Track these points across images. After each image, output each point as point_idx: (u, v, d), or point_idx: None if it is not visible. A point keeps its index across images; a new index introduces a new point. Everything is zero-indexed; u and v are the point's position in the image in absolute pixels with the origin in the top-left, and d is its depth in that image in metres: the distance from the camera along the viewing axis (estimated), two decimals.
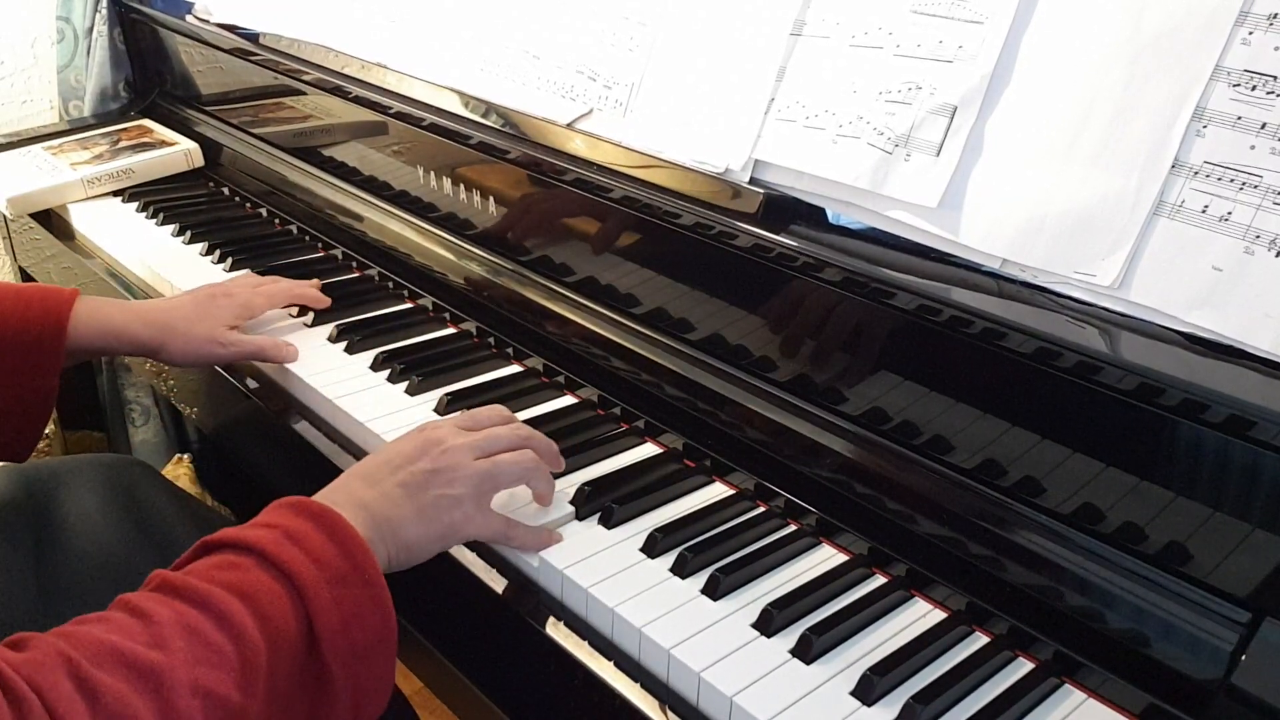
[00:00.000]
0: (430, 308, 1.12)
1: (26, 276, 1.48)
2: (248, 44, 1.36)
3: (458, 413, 0.84)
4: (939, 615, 0.72)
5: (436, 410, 0.92)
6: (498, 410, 0.81)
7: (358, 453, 0.91)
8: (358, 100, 1.19)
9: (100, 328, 0.93)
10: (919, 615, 0.72)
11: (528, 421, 0.90)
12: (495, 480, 0.74)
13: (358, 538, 0.63)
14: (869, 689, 0.64)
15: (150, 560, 0.86)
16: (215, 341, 0.97)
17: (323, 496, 0.69)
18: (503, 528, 0.74)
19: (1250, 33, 0.62)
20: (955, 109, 0.73)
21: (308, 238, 1.30)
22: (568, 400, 0.96)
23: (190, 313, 0.98)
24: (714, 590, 0.71)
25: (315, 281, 1.12)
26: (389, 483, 0.70)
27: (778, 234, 0.80)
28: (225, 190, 1.45)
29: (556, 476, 0.81)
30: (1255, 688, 0.59)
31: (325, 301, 1.09)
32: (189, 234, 1.28)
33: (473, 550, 0.78)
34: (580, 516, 0.79)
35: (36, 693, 0.48)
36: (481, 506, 0.73)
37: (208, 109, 1.53)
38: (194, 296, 1.01)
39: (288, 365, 0.99)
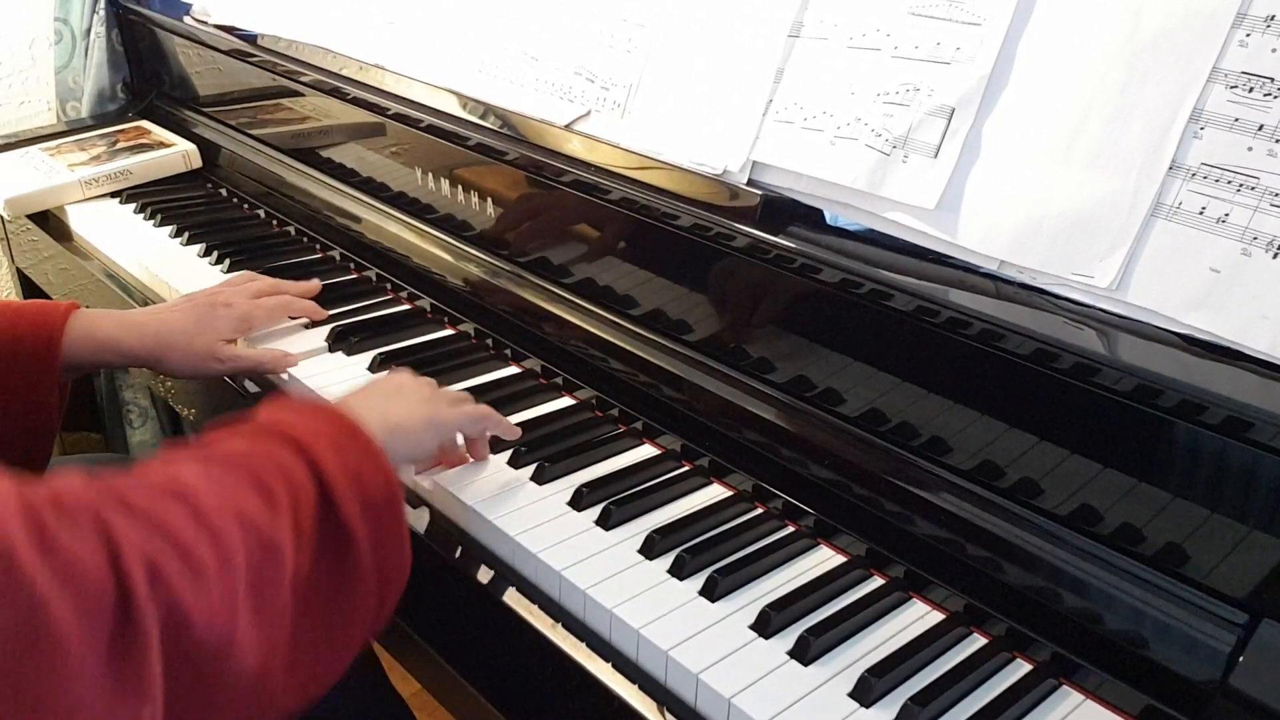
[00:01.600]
0: (428, 309, 1.12)
1: (24, 278, 1.48)
2: (246, 45, 1.36)
3: None
4: (937, 617, 0.72)
5: None
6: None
7: None
8: (356, 102, 1.19)
9: (96, 342, 0.92)
10: (917, 617, 0.72)
11: (526, 423, 0.90)
12: (454, 396, 0.83)
13: (344, 414, 0.65)
14: (867, 690, 0.64)
15: None
16: (213, 357, 0.97)
17: None
18: (473, 408, 0.82)
19: (1248, 34, 0.62)
20: (953, 110, 0.73)
21: (306, 239, 1.30)
22: (566, 401, 0.96)
23: (189, 325, 0.97)
24: (712, 592, 0.71)
25: (315, 283, 1.11)
26: (369, 393, 0.77)
27: (776, 235, 0.80)
28: (223, 191, 1.45)
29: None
30: (1253, 689, 0.58)
31: (322, 314, 1.08)
32: (187, 235, 1.28)
33: (470, 552, 0.78)
34: (577, 512, 0.79)
35: (83, 508, 0.47)
36: (453, 406, 0.80)
37: (206, 110, 1.53)
38: (193, 306, 1.00)
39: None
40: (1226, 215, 0.62)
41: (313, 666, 0.57)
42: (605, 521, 0.78)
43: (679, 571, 0.73)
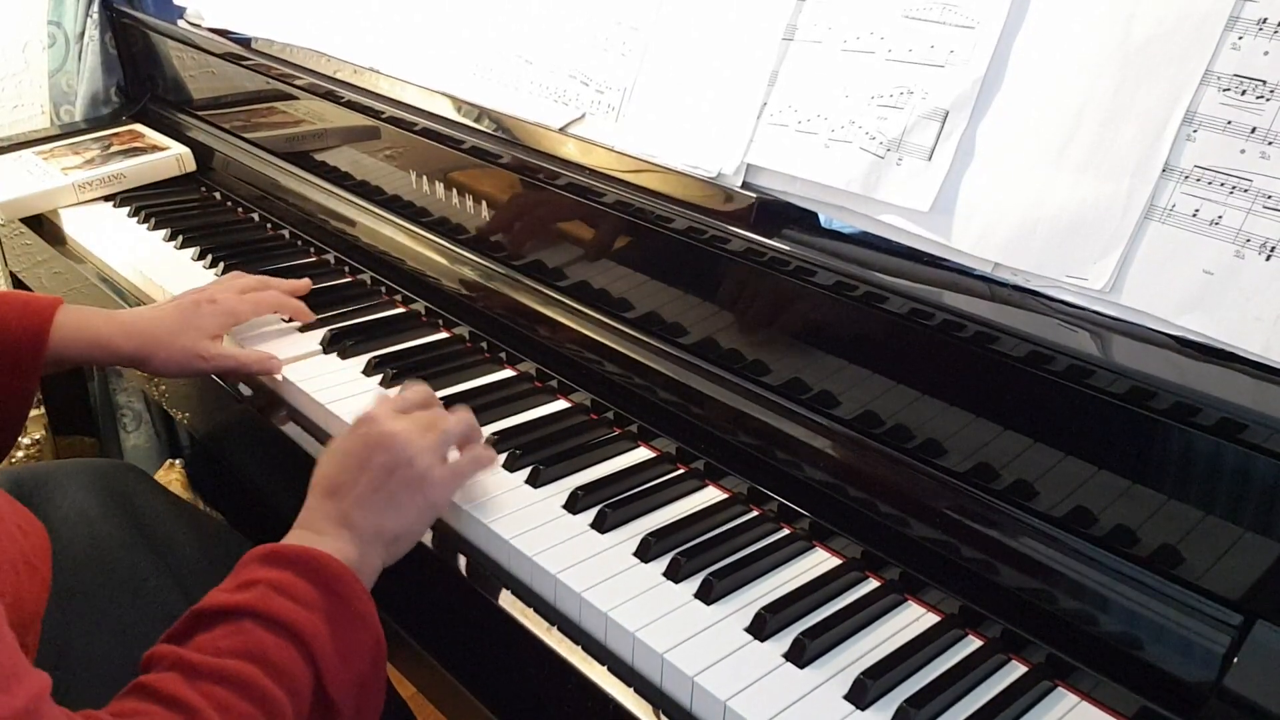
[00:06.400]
0: (423, 312, 1.12)
1: (17, 281, 1.48)
2: (240, 49, 1.36)
3: (390, 395, 0.85)
4: (932, 619, 0.72)
5: None
6: (423, 389, 0.84)
7: None
8: (350, 105, 1.19)
9: (84, 338, 0.92)
10: (912, 619, 0.72)
11: (522, 426, 0.90)
12: (446, 440, 0.78)
13: (341, 571, 0.66)
14: (862, 693, 0.64)
15: (150, 564, 0.86)
16: (197, 355, 0.96)
17: (301, 526, 0.71)
18: (464, 467, 0.79)
19: (1240, 38, 0.62)
20: (947, 113, 0.73)
21: (300, 242, 1.29)
22: (561, 405, 0.96)
23: (173, 323, 0.97)
24: (707, 594, 0.71)
25: (306, 282, 1.11)
26: (358, 488, 0.72)
27: (770, 238, 0.80)
28: (217, 195, 1.45)
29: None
30: (1247, 690, 0.59)
31: (310, 316, 1.07)
32: (180, 239, 1.28)
33: (465, 555, 0.78)
34: (573, 516, 0.79)
35: None
36: (444, 467, 0.77)
37: (200, 114, 1.52)
38: (178, 304, 1.00)
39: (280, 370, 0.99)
40: (1220, 218, 0.62)
41: None
42: (601, 525, 0.78)
43: (674, 574, 0.73)
